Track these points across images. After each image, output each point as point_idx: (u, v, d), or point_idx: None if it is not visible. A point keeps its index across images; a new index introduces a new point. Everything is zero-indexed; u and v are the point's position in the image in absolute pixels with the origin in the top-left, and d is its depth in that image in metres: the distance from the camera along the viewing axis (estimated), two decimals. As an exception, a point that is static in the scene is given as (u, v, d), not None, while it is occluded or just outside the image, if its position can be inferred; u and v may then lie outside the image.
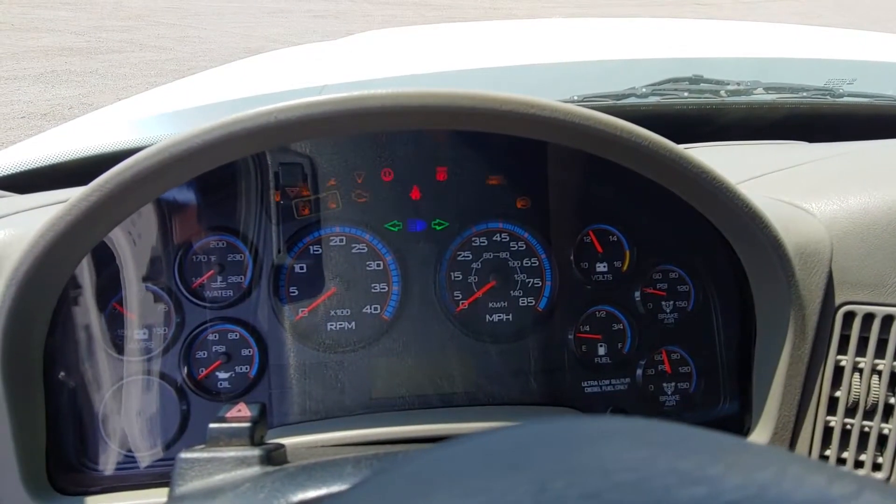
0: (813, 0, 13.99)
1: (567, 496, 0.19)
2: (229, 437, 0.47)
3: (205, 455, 0.45)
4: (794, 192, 0.83)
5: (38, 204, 0.80)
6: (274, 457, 0.47)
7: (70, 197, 0.61)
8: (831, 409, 0.76)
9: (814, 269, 0.73)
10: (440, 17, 10.72)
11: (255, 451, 0.45)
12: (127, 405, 0.76)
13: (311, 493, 0.38)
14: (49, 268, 0.63)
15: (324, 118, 0.59)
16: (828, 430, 0.76)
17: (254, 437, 0.48)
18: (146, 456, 0.76)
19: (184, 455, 0.45)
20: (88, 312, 0.75)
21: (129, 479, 0.74)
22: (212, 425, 0.48)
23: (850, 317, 0.75)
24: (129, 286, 0.77)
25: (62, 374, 0.73)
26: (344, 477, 0.39)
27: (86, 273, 0.75)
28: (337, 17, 10.57)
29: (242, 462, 0.44)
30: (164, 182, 0.63)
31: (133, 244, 0.78)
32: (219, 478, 0.44)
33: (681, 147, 0.65)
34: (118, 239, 0.76)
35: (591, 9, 11.96)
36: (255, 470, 0.44)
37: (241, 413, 0.49)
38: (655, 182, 0.69)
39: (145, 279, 0.78)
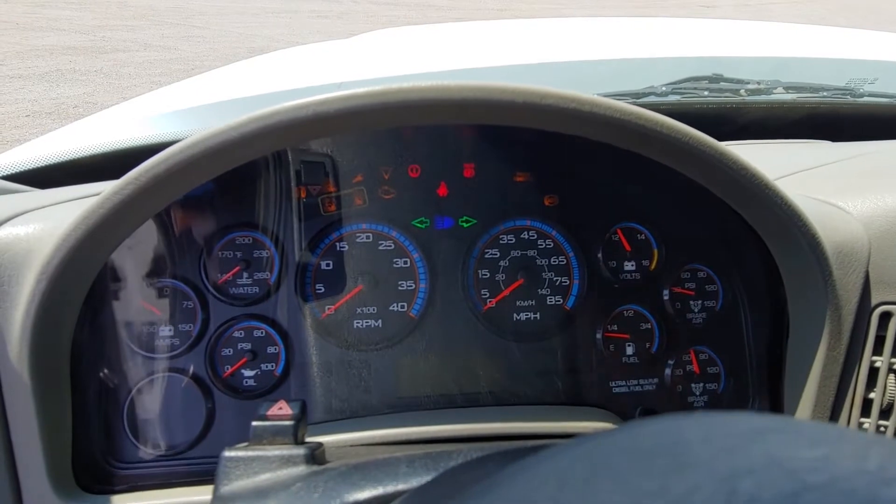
0: (813, 3, 13.98)
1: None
2: (273, 435, 0.46)
3: (249, 454, 0.44)
4: (827, 190, 0.82)
5: (63, 198, 0.79)
6: (317, 455, 0.46)
7: (100, 191, 0.60)
8: (865, 410, 0.75)
9: (851, 268, 0.72)
10: (443, 17, 10.71)
11: (301, 450, 0.44)
12: (152, 402, 0.75)
13: (367, 493, 0.37)
14: (79, 262, 0.62)
15: (361, 111, 0.58)
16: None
17: (297, 435, 0.47)
18: (171, 454, 0.75)
19: (228, 453, 0.44)
20: (115, 309, 0.74)
21: (155, 477, 0.73)
22: (255, 423, 0.47)
23: (885, 317, 0.74)
24: (154, 283, 0.76)
25: (104, 371, 0.72)
26: (399, 476, 0.38)
27: (113, 269, 0.74)
28: (340, 17, 10.56)
29: (288, 461, 0.43)
30: (197, 176, 0.62)
31: (158, 240, 0.77)
32: (264, 477, 0.42)
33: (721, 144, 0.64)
34: (144, 235, 0.75)
35: (595, 10, 11.95)
36: (301, 469, 0.43)
37: (282, 411, 0.48)
38: (683, 180, 0.68)
39: (171, 276, 0.77)
